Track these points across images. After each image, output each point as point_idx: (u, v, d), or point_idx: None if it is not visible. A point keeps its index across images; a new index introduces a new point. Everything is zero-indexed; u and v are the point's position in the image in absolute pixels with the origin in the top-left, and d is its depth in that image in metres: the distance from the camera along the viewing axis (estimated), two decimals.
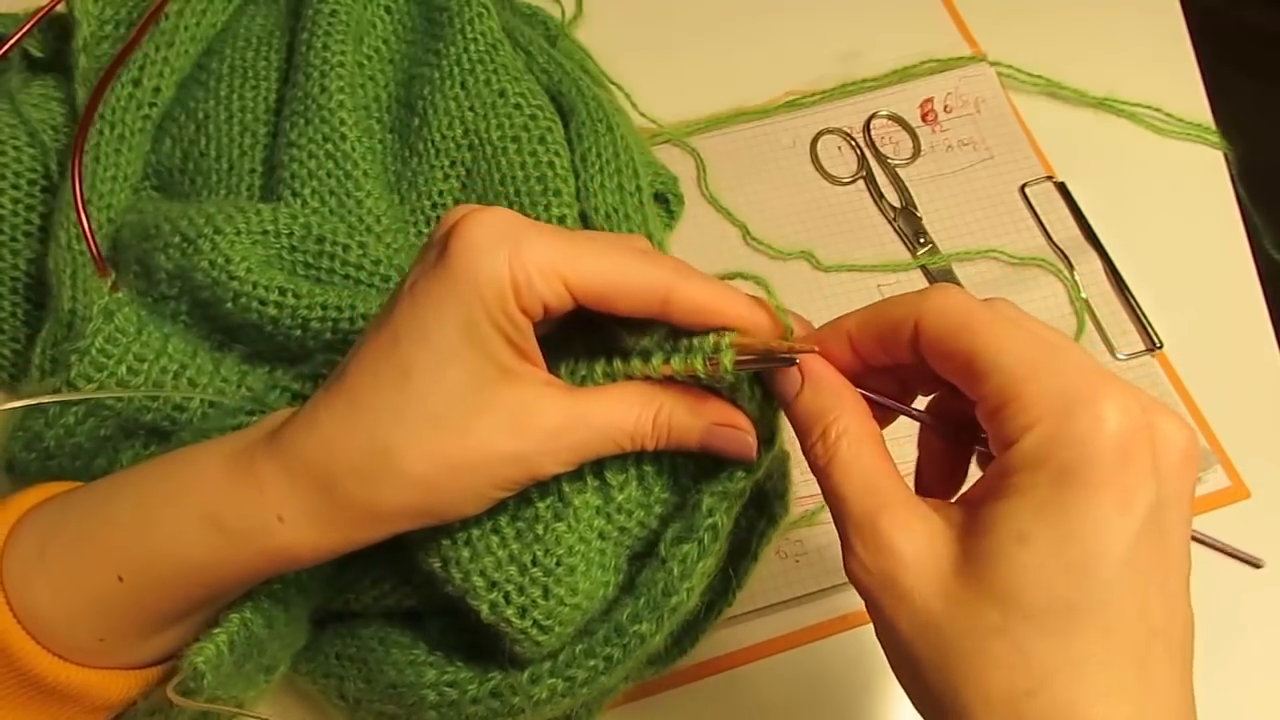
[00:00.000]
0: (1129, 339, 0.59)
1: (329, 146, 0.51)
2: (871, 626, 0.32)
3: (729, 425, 0.35)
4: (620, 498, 0.38)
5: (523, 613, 0.36)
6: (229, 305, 0.45)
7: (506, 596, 0.36)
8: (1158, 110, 0.66)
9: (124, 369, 0.43)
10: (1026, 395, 0.29)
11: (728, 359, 0.33)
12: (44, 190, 0.52)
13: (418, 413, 0.32)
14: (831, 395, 0.33)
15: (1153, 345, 0.59)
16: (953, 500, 0.32)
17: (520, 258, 0.32)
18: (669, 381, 0.35)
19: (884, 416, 0.36)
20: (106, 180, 0.50)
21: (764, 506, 0.40)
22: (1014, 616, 0.28)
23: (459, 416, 0.33)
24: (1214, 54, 0.70)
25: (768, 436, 0.36)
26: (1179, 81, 0.69)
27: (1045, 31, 0.70)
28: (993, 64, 0.68)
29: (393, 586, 0.42)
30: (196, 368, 0.45)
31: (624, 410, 0.35)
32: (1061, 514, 0.28)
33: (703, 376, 0.34)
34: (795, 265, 0.61)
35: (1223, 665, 0.30)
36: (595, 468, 0.37)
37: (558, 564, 0.36)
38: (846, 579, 0.32)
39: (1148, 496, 0.28)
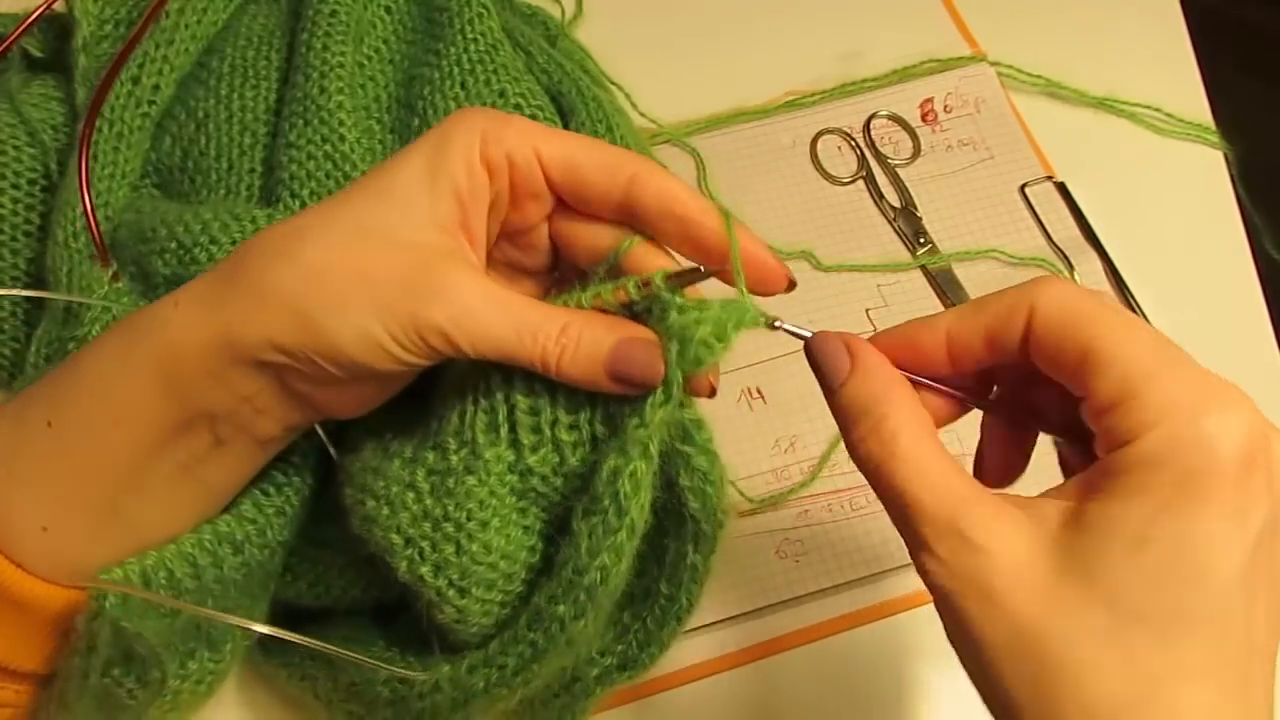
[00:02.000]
0: None
1: (328, 147, 0.51)
2: (871, 626, 0.32)
3: (639, 339, 0.34)
4: (532, 460, 0.37)
5: (436, 570, 0.36)
6: None
7: (420, 553, 0.36)
8: (1158, 110, 0.66)
9: None
10: (1149, 393, 0.28)
11: (659, 277, 0.34)
12: (44, 190, 0.52)
13: (340, 215, 0.33)
14: (885, 383, 0.32)
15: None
16: (1040, 496, 0.31)
17: (493, 122, 0.33)
18: None
19: (951, 412, 0.35)
20: (105, 178, 0.50)
21: (685, 510, 0.38)
22: (1123, 621, 0.27)
23: (376, 234, 0.33)
24: (1214, 54, 0.70)
25: (665, 384, 0.34)
26: (1179, 81, 0.69)
27: (1045, 31, 0.70)
28: (993, 64, 0.68)
29: (362, 576, 0.42)
30: None
31: (533, 308, 0.34)
32: (1182, 519, 0.27)
33: (636, 299, 0.34)
34: (795, 265, 0.61)
35: None
36: (509, 422, 0.37)
37: (468, 518, 0.36)
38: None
39: (1263, 512, 0.27)
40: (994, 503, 0.30)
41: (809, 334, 0.34)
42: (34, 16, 0.53)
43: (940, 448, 0.31)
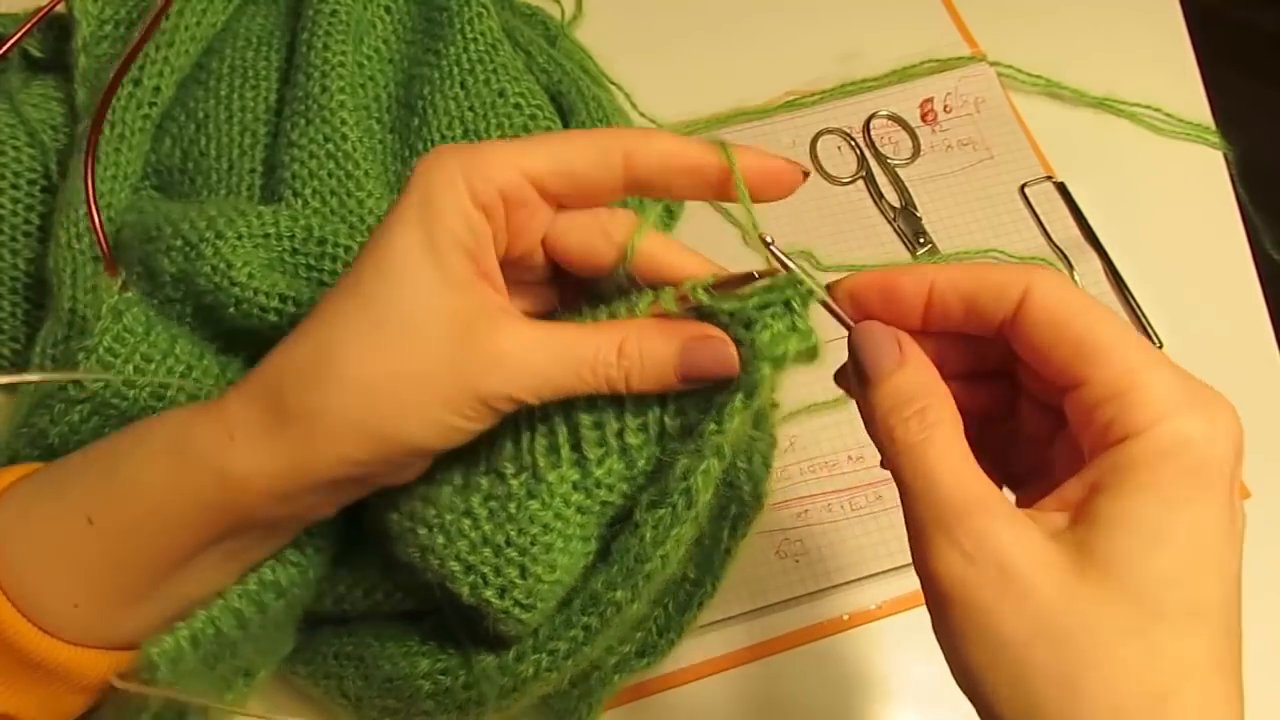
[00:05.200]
0: None
1: (330, 146, 0.51)
2: (869, 626, 0.31)
3: (705, 336, 0.33)
4: (599, 472, 0.36)
5: (502, 593, 0.36)
6: (231, 310, 0.45)
7: (484, 578, 0.36)
8: (1158, 110, 0.66)
9: (131, 368, 0.43)
10: (1151, 387, 0.28)
11: (701, 290, 0.33)
12: (44, 190, 0.52)
13: (362, 317, 0.32)
14: (933, 378, 0.32)
15: (1152, 345, 0.59)
16: (1040, 503, 0.31)
17: (472, 160, 0.32)
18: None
19: None
20: (106, 180, 0.50)
21: (735, 493, 0.39)
22: (1149, 618, 0.27)
23: (404, 322, 0.32)
24: (1214, 54, 0.70)
25: (747, 389, 0.34)
26: (1179, 81, 0.69)
27: (1045, 31, 0.70)
28: (992, 64, 0.68)
29: (386, 594, 0.42)
30: (203, 369, 0.44)
31: (584, 339, 0.33)
32: (1193, 514, 0.27)
33: (675, 313, 0.34)
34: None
35: None
36: (572, 441, 0.36)
37: (532, 543, 0.36)
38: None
39: (1239, 504, 0.29)
40: (1010, 505, 0.30)
41: (852, 323, 0.34)
42: (37, 18, 0.53)
43: (969, 450, 0.31)
